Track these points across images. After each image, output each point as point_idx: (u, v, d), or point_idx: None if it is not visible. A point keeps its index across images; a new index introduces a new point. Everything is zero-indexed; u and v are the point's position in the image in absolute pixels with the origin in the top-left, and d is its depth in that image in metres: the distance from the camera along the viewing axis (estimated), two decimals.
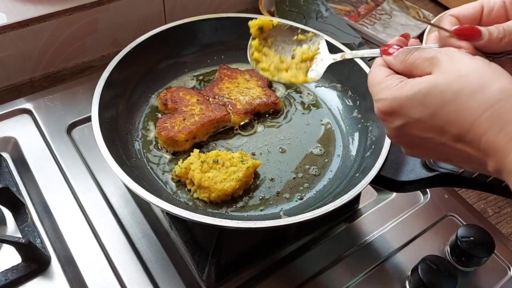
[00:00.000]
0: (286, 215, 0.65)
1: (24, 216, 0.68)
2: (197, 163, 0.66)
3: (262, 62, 0.61)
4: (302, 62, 0.60)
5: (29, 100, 0.83)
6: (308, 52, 0.60)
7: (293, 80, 0.59)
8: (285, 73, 0.60)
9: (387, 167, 0.63)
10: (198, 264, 0.63)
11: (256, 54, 0.61)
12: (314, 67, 0.59)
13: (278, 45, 0.62)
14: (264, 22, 0.61)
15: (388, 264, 0.66)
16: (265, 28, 0.62)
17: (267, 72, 0.60)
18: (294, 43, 0.62)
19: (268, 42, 0.62)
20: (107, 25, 0.93)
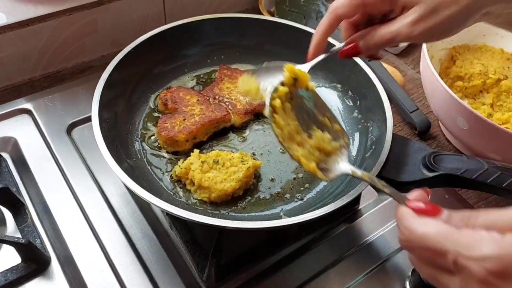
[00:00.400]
0: (287, 216, 0.65)
1: (24, 216, 0.68)
2: (197, 163, 0.66)
3: (279, 115, 0.53)
4: (317, 149, 0.54)
5: (29, 100, 0.83)
6: (327, 144, 0.54)
7: (302, 161, 0.52)
8: (296, 147, 0.53)
9: (388, 168, 0.63)
10: (198, 264, 0.63)
11: (277, 102, 0.53)
12: (327, 164, 0.53)
13: (301, 112, 0.55)
14: (302, 75, 0.55)
15: (389, 264, 0.66)
16: (299, 82, 0.55)
17: (279, 130, 0.52)
18: (316, 122, 0.56)
19: (292, 101, 0.55)
20: (107, 25, 0.93)
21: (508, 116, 0.81)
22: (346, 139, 0.56)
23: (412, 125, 0.88)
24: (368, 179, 0.50)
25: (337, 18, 0.54)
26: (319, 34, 0.56)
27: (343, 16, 0.54)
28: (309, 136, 0.55)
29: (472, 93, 0.87)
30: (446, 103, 0.75)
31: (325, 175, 0.52)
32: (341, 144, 0.55)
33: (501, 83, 0.85)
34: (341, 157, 0.54)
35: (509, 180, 0.57)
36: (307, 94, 0.57)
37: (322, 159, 0.53)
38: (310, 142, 0.54)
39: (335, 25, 0.55)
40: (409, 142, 0.66)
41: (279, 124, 0.52)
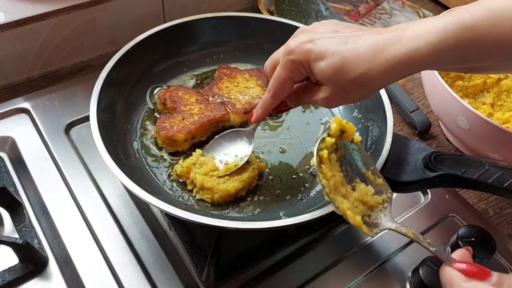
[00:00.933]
0: (286, 216, 0.65)
1: (22, 217, 0.67)
2: (215, 174, 0.65)
3: (326, 166, 0.52)
4: (361, 202, 0.53)
5: (26, 100, 0.82)
6: (370, 198, 0.54)
7: (348, 214, 0.50)
8: (341, 199, 0.52)
9: (388, 168, 0.63)
10: (197, 265, 0.63)
11: (325, 152, 0.52)
12: (370, 219, 0.53)
13: (344, 164, 0.55)
14: (350, 128, 0.55)
15: (389, 265, 0.66)
16: (346, 134, 0.55)
17: (325, 181, 0.51)
18: (359, 174, 0.56)
19: (337, 152, 0.55)
20: (105, 24, 0.92)
21: (509, 116, 0.80)
22: (389, 193, 0.55)
23: (413, 124, 0.88)
24: (413, 236, 0.49)
25: (278, 101, 0.60)
26: (269, 109, 0.62)
27: (282, 98, 0.60)
28: (352, 189, 0.55)
29: (472, 92, 0.87)
30: (447, 103, 0.75)
31: (370, 230, 0.51)
32: (384, 198, 0.55)
33: (501, 82, 0.85)
34: (384, 212, 0.54)
35: (510, 180, 0.56)
36: (352, 146, 0.57)
37: (366, 212, 0.53)
38: (354, 194, 0.54)
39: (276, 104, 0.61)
40: (409, 142, 0.65)
41: (326, 175, 0.52)
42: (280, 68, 0.55)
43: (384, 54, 0.48)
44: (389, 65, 0.48)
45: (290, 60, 0.53)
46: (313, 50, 0.51)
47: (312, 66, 0.52)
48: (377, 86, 0.52)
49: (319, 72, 0.52)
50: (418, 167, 0.62)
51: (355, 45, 0.50)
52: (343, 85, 0.51)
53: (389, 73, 0.49)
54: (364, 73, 0.49)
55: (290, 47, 0.53)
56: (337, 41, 0.51)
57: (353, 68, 0.49)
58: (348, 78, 0.50)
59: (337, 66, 0.50)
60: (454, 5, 1.04)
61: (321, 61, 0.51)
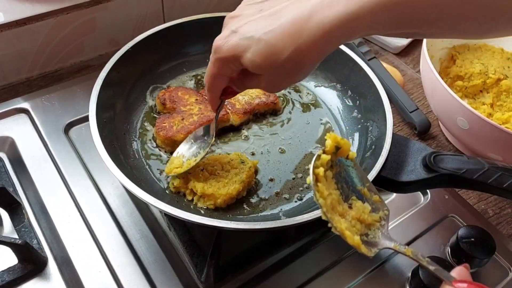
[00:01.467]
0: (286, 216, 0.65)
1: (21, 217, 0.67)
2: (195, 172, 0.65)
3: (322, 184, 0.51)
4: (357, 220, 0.52)
5: (26, 100, 0.82)
6: (367, 215, 0.53)
7: (346, 234, 0.49)
8: (339, 218, 0.50)
9: (387, 168, 0.63)
10: (196, 265, 0.63)
11: (321, 170, 0.51)
12: (368, 238, 0.52)
13: (340, 181, 0.54)
14: (345, 144, 0.54)
15: (389, 265, 0.66)
16: (341, 151, 0.54)
17: (322, 200, 0.49)
18: (355, 191, 0.55)
19: (333, 169, 0.54)
20: (105, 24, 0.92)
21: (508, 116, 0.80)
22: (386, 210, 0.54)
23: (412, 125, 0.88)
24: (412, 255, 0.49)
25: (217, 94, 0.57)
26: (212, 103, 0.60)
27: (219, 92, 0.57)
28: (349, 207, 0.53)
29: (472, 92, 0.87)
30: (446, 103, 0.75)
31: (368, 249, 0.50)
32: (381, 215, 0.54)
33: (501, 82, 0.85)
34: (382, 230, 0.53)
35: (509, 180, 0.56)
36: (347, 163, 0.56)
37: (363, 231, 0.52)
38: (351, 213, 0.52)
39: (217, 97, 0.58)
40: (409, 142, 0.65)
41: (322, 193, 0.50)
42: (211, 64, 0.52)
43: (311, 25, 0.44)
44: (320, 34, 0.44)
45: (217, 59, 0.50)
46: (239, 44, 0.47)
47: (241, 61, 0.48)
48: (314, 58, 0.47)
49: (249, 64, 0.48)
50: (418, 167, 0.62)
51: (278, 22, 0.45)
52: (277, 69, 0.47)
53: (322, 42, 0.44)
54: (294, 50, 0.45)
55: (216, 44, 0.50)
56: (260, 25, 0.46)
57: (281, 49, 0.45)
58: (279, 61, 0.46)
59: (264, 53, 0.46)
60: None
61: (247, 52, 0.47)
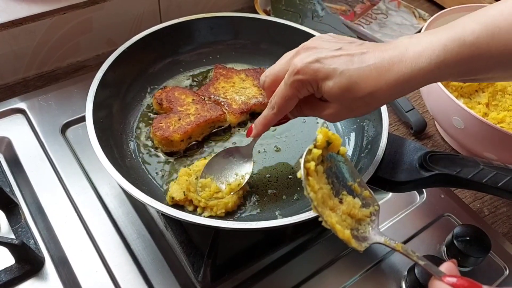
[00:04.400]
0: (282, 216, 0.65)
1: (18, 217, 0.67)
2: (194, 183, 0.64)
3: (313, 178, 0.51)
4: (348, 215, 0.53)
5: (22, 100, 0.82)
6: (357, 210, 0.53)
7: (337, 228, 0.49)
8: (329, 212, 0.51)
9: (383, 167, 0.63)
10: (193, 264, 0.63)
11: (312, 164, 0.51)
12: (358, 232, 0.52)
13: (331, 176, 0.55)
14: (336, 139, 0.55)
15: (385, 264, 0.66)
16: (332, 146, 0.55)
17: (313, 194, 0.50)
18: (346, 187, 0.55)
19: (323, 164, 0.55)
20: (101, 24, 0.92)
21: (504, 116, 0.81)
22: (376, 206, 0.55)
23: (408, 124, 0.88)
24: (402, 250, 0.49)
25: (281, 117, 0.61)
26: (270, 125, 0.62)
27: (285, 114, 0.61)
28: (340, 201, 0.54)
29: (467, 92, 0.87)
30: (442, 103, 0.75)
31: (359, 244, 0.51)
32: (371, 211, 0.54)
33: (496, 82, 0.85)
34: (372, 225, 0.53)
35: (504, 179, 0.57)
36: (338, 158, 0.57)
37: (353, 226, 0.53)
38: (341, 207, 0.53)
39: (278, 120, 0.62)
40: (405, 141, 0.66)
41: (313, 187, 0.51)
42: (286, 86, 0.55)
43: (389, 74, 0.50)
44: (394, 85, 0.50)
45: (298, 80, 0.54)
46: (321, 70, 0.52)
47: (320, 86, 0.53)
48: (381, 103, 0.55)
49: (326, 92, 0.53)
50: (414, 167, 0.62)
51: (361, 65, 0.51)
52: (349, 103, 0.53)
53: (393, 92, 0.51)
54: (370, 93, 0.51)
55: (297, 67, 0.53)
56: (343, 60, 0.52)
57: (360, 88, 0.51)
58: (355, 97, 0.52)
59: (345, 86, 0.51)
60: (449, 5, 1.04)
61: (328, 80, 0.52)
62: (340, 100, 0.53)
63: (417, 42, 0.50)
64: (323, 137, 0.54)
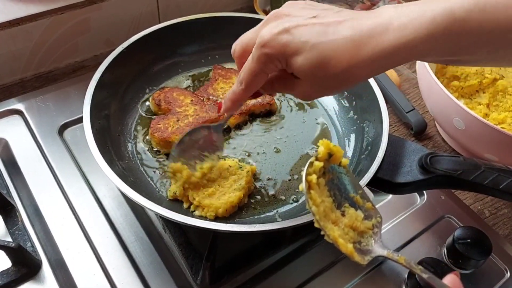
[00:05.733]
0: (282, 218, 0.64)
1: (15, 219, 0.66)
2: (193, 180, 0.62)
3: (315, 191, 0.50)
4: (350, 228, 0.52)
5: (20, 101, 0.82)
6: (360, 223, 0.52)
7: (340, 242, 0.48)
8: (331, 226, 0.50)
9: (384, 169, 0.62)
10: (192, 267, 0.63)
11: (313, 177, 0.50)
12: (361, 245, 0.51)
13: (333, 188, 0.54)
14: (338, 151, 0.53)
15: (385, 266, 0.65)
16: (334, 158, 0.53)
17: (315, 208, 0.49)
18: (348, 199, 0.54)
19: (326, 176, 0.53)
20: (99, 24, 0.92)
21: (504, 116, 0.80)
22: (379, 218, 0.54)
23: (408, 125, 0.88)
24: (405, 263, 0.49)
25: (250, 93, 0.54)
26: (240, 102, 0.56)
27: (254, 91, 0.54)
28: (342, 214, 0.53)
29: (468, 93, 0.87)
30: (442, 103, 0.75)
31: (362, 258, 0.50)
32: (373, 223, 0.53)
33: (497, 83, 0.85)
34: (375, 237, 0.52)
35: (506, 181, 0.56)
36: (339, 170, 0.55)
37: (356, 239, 0.52)
38: (344, 220, 0.52)
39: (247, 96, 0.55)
40: (405, 143, 0.65)
41: (315, 201, 0.49)
42: (253, 60, 0.49)
43: (368, 47, 0.44)
44: (373, 60, 0.44)
45: (264, 54, 0.48)
46: (290, 44, 0.46)
47: (288, 61, 0.47)
48: (360, 79, 0.48)
49: (296, 68, 0.47)
50: (414, 169, 0.61)
51: (336, 36, 0.45)
52: (322, 80, 0.47)
53: (373, 67, 0.45)
54: (345, 69, 0.45)
55: (264, 40, 0.47)
56: (316, 31, 0.45)
57: (333, 65, 0.45)
58: (328, 74, 0.46)
59: (316, 62, 0.45)
60: None
61: (298, 56, 0.46)
62: (311, 77, 0.47)
63: (403, 13, 0.44)
64: (325, 149, 0.52)
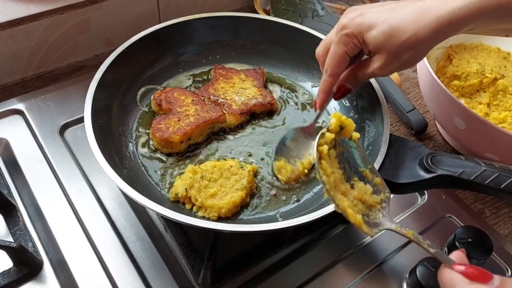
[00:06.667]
0: (283, 218, 0.64)
1: (16, 219, 0.66)
2: (196, 181, 0.63)
3: (326, 162, 0.51)
4: (359, 201, 0.53)
5: (20, 101, 0.82)
6: (368, 196, 0.53)
7: (349, 212, 0.50)
8: (341, 197, 0.51)
9: (384, 169, 0.62)
10: (193, 267, 0.63)
11: (325, 148, 0.52)
12: (369, 218, 0.52)
13: (343, 161, 0.55)
14: (350, 125, 0.56)
15: (386, 266, 0.66)
16: (345, 131, 0.55)
17: (326, 177, 0.50)
18: (357, 173, 0.55)
19: (336, 149, 0.54)
20: (100, 24, 0.92)
21: (505, 116, 0.80)
22: (387, 193, 0.55)
23: (409, 124, 0.88)
24: (413, 237, 0.49)
25: (336, 79, 0.63)
26: (330, 90, 0.64)
27: (339, 76, 0.63)
28: (351, 187, 0.54)
29: (468, 92, 0.87)
30: (443, 103, 0.75)
31: (370, 229, 0.51)
32: (382, 198, 0.54)
33: (497, 82, 0.84)
34: (383, 212, 0.53)
35: (507, 181, 0.56)
36: (350, 143, 0.57)
37: (364, 212, 0.52)
38: (353, 193, 0.53)
39: (335, 83, 0.64)
40: (406, 142, 0.65)
41: (326, 171, 0.51)
42: (335, 44, 0.59)
43: (429, 15, 0.52)
44: (435, 25, 0.52)
45: (344, 34, 0.58)
46: (364, 22, 0.56)
47: (365, 36, 0.56)
48: (426, 46, 0.56)
49: (372, 40, 0.56)
50: (415, 168, 0.61)
51: (402, 11, 0.54)
52: (395, 49, 0.55)
53: (436, 33, 0.53)
54: (413, 34, 0.53)
55: (342, 23, 0.58)
56: (384, 14, 0.56)
57: (402, 32, 0.53)
58: (399, 42, 0.54)
59: (388, 32, 0.54)
60: None
61: (372, 29, 0.55)
62: (385, 47, 0.55)
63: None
64: (337, 121, 0.54)
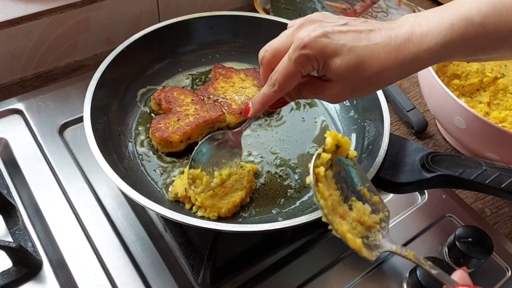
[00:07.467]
0: (283, 217, 0.64)
1: (15, 219, 0.66)
2: (212, 187, 0.62)
3: (323, 184, 0.49)
4: (358, 222, 0.51)
5: (19, 100, 0.81)
6: (367, 217, 0.51)
7: (348, 238, 0.48)
8: (339, 220, 0.49)
9: (385, 168, 0.62)
10: (193, 267, 0.62)
11: (321, 170, 0.49)
12: (368, 240, 0.50)
13: (340, 181, 0.53)
14: (345, 142, 0.53)
15: (386, 265, 0.65)
16: (341, 150, 0.53)
17: (323, 201, 0.48)
18: (355, 192, 0.54)
19: (333, 169, 0.52)
20: (99, 23, 0.91)
21: (505, 115, 0.80)
22: (386, 212, 0.53)
23: (409, 124, 0.88)
24: (414, 259, 0.48)
25: (281, 95, 0.57)
26: (269, 104, 0.58)
27: (285, 93, 0.56)
28: (349, 208, 0.52)
29: (469, 91, 0.87)
30: (443, 102, 0.75)
31: (370, 253, 0.49)
32: (381, 217, 0.53)
33: (498, 81, 0.84)
34: (382, 232, 0.52)
35: (507, 181, 0.56)
36: (347, 162, 0.54)
37: (363, 234, 0.51)
38: (351, 214, 0.51)
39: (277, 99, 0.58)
40: (406, 142, 0.65)
41: (323, 194, 0.49)
42: (290, 62, 0.52)
43: (396, 54, 0.49)
44: (402, 64, 0.49)
45: (304, 55, 0.51)
46: (329, 46, 0.50)
47: (327, 62, 0.51)
48: (387, 83, 0.53)
49: (334, 69, 0.51)
50: (415, 168, 0.61)
51: (369, 42, 0.50)
52: (355, 82, 0.52)
53: (401, 71, 0.51)
54: (378, 72, 0.50)
55: (304, 41, 0.50)
56: (351, 37, 0.50)
57: (368, 67, 0.50)
58: (362, 76, 0.51)
59: (353, 63, 0.50)
60: None
61: (337, 57, 0.50)
62: (346, 78, 0.52)
63: (423, 21, 0.49)
64: (332, 140, 0.51)
